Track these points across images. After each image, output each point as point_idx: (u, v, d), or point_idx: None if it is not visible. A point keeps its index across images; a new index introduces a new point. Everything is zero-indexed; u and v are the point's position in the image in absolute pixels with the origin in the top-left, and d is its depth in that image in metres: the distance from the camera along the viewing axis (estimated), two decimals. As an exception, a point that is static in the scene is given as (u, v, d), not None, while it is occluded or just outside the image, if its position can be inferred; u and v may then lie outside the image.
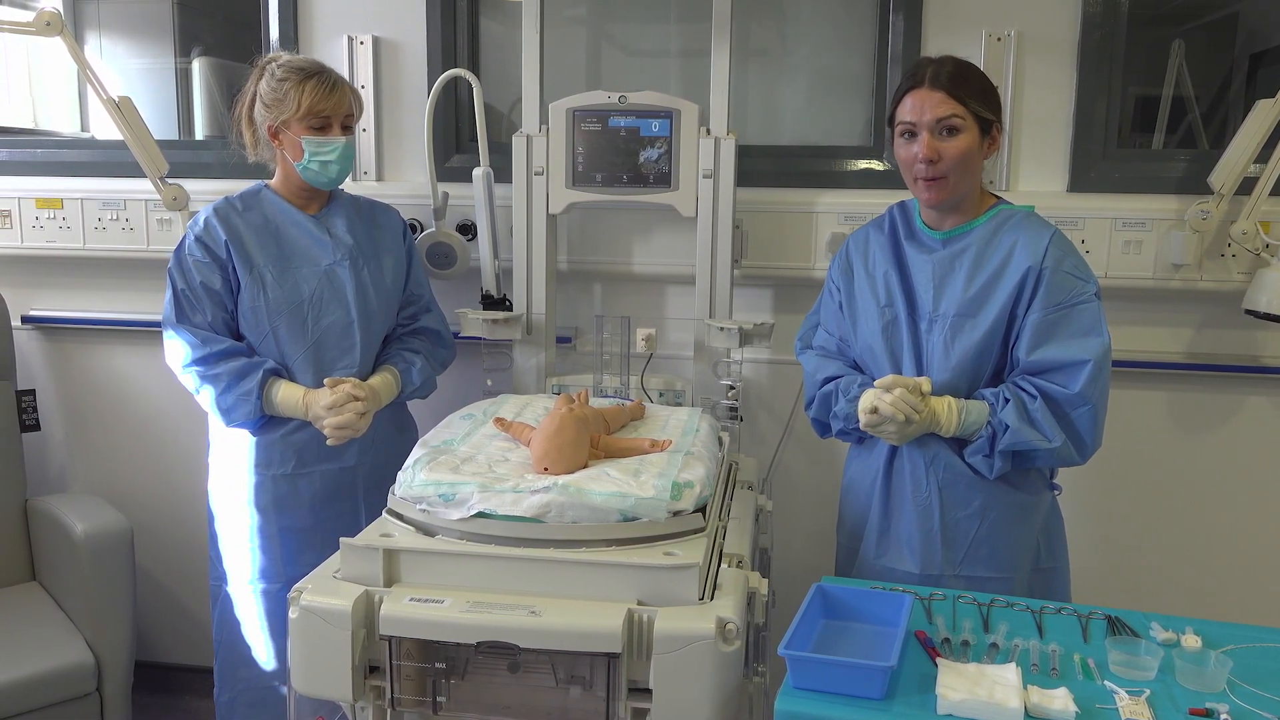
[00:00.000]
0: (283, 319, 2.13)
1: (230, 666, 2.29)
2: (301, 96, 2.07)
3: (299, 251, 2.17)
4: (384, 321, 2.25)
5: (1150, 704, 1.32)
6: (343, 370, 2.16)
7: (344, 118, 2.13)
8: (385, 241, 2.26)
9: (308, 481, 2.17)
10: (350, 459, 2.16)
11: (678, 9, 2.66)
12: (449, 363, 2.38)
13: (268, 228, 2.16)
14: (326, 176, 2.13)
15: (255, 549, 2.20)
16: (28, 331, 2.88)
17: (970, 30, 2.40)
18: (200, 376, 2.08)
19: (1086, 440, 1.78)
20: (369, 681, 1.51)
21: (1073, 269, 1.79)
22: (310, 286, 2.15)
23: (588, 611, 1.44)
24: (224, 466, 2.22)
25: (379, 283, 2.22)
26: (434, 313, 2.36)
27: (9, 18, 2.44)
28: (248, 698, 2.28)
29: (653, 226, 2.55)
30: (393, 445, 2.22)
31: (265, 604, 2.22)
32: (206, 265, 2.11)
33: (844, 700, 1.32)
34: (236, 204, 2.17)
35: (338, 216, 2.21)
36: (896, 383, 1.78)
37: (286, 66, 2.11)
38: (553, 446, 1.69)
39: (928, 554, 1.87)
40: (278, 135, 2.12)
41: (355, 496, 2.22)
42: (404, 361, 2.24)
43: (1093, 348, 1.75)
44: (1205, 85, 2.60)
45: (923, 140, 1.79)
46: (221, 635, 2.29)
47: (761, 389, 2.63)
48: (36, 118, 3.11)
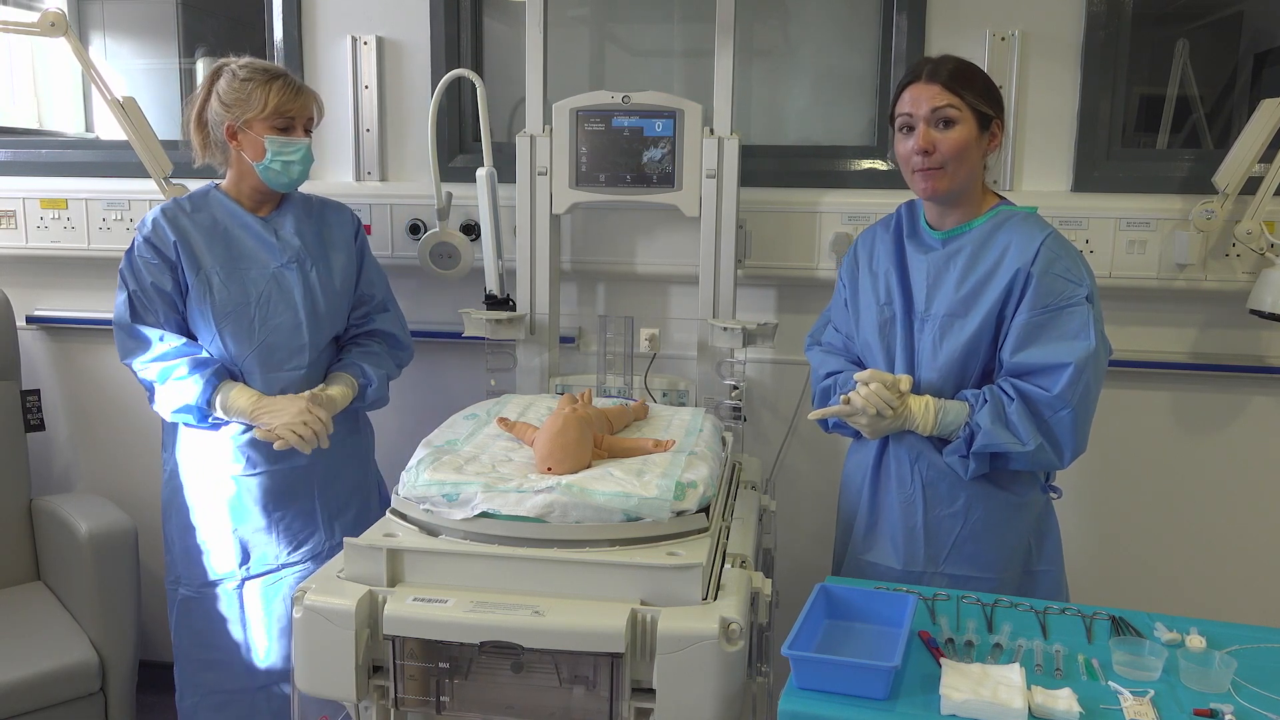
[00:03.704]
0: (229, 321, 2.11)
1: (190, 670, 2.27)
2: (268, 96, 2.07)
3: (246, 254, 2.15)
4: (333, 322, 2.23)
5: (1154, 704, 1.32)
6: (291, 374, 2.15)
7: (307, 120, 2.14)
8: (335, 241, 2.25)
9: (262, 480, 2.16)
10: (302, 459, 2.12)
11: (681, 9, 2.66)
12: (405, 364, 2.37)
13: (216, 229, 2.15)
14: (287, 177, 2.13)
15: (211, 548, 2.19)
16: (32, 331, 2.89)
17: (974, 30, 2.40)
18: (159, 372, 2.07)
19: (1065, 445, 1.77)
20: (372, 681, 1.51)
21: (1064, 271, 1.77)
22: (258, 289, 2.14)
23: (591, 611, 1.44)
24: (183, 466, 2.20)
25: (327, 284, 2.20)
26: (390, 313, 2.33)
27: (14, 18, 2.45)
28: (210, 701, 2.26)
29: (656, 226, 2.55)
30: (345, 446, 2.22)
31: (224, 604, 2.20)
32: (156, 266, 2.10)
33: (847, 700, 1.31)
34: (185, 205, 2.16)
35: (286, 218, 2.20)
36: (874, 377, 1.79)
37: (250, 67, 2.11)
38: (556, 446, 1.69)
39: (910, 550, 1.88)
40: (236, 136, 2.10)
41: (310, 496, 2.21)
42: (362, 375, 2.23)
43: (1076, 351, 1.73)
44: (1210, 84, 2.60)
45: (919, 131, 1.80)
46: (180, 638, 2.26)
47: (765, 389, 2.63)
48: (41, 118, 3.11)
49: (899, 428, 1.83)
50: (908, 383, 1.81)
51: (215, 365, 2.09)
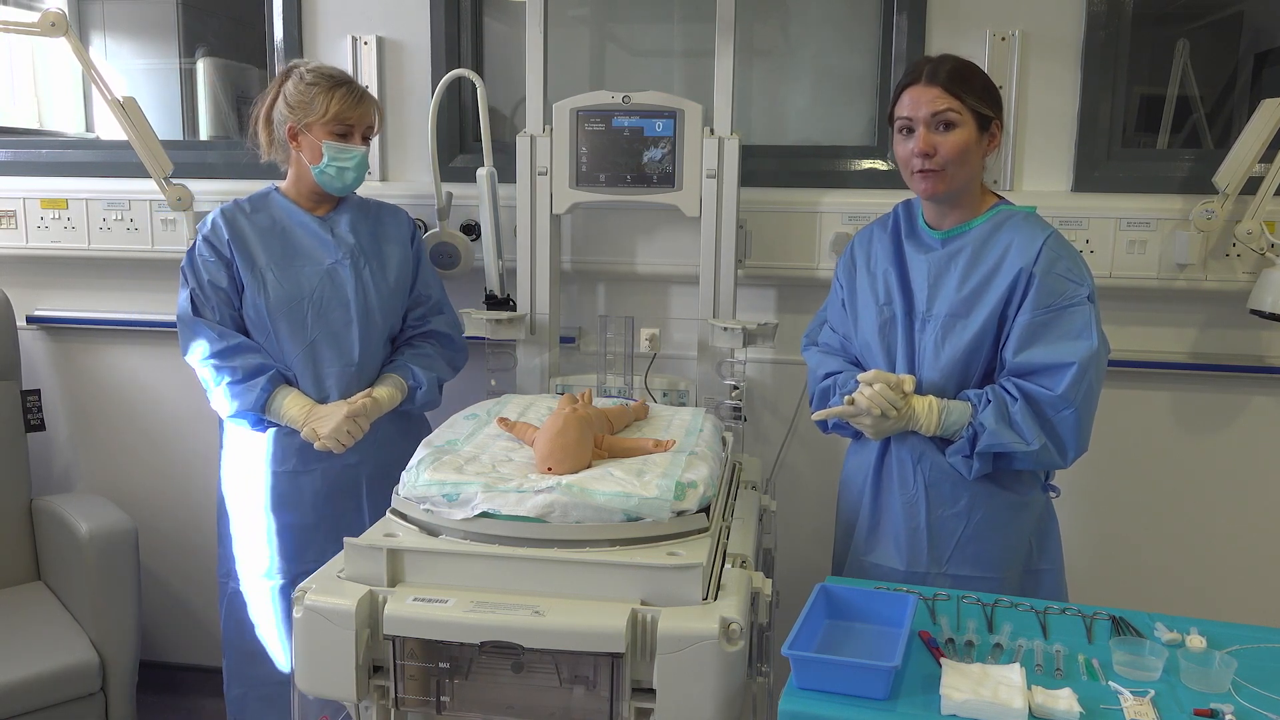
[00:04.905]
0: (283, 317, 2.15)
1: (239, 662, 2.31)
2: (330, 102, 2.11)
3: (302, 251, 2.19)
4: (386, 321, 2.25)
5: (1155, 704, 1.32)
6: (341, 370, 2.17)
7: (366, 129, 2.18)
8: (390, 241, 2.27)
9: (310, 479, 2.19)
10: (353, 457, 2.17)
11: (681, 9, 2.66)
12: (460, 366, 2.39)
13: (274, 229, 2.19)
14: (341, 183, 2.16)
15: (260, 545, 2.22)
16: (33, 331, 2.89)
17: (974, 30, 2.39)
18: (216, 369, 2.12)
19: (1068, 444, 1.77)
20: (373, 681, 1.51)
21: (1065, 271, 1.78)
22: (311, 285, 2.17)
23: (591, 611, 1.44)
24: (236, 463, 2.25)
25: (380, 282, 2.23)
26: (446, 315, 2.36)
27: (14, 18, 2.45)
28: (259, 693, 2.30)
29: (656, 226, 2.55)
30: (397, 446, 2.22)
31: (271, 600, 2.23)
32: (213, 264, 2.15)
33: (848, 700, 1.31)
34: (245, 206, 2.21)
35: (342, 217, 2.23)
36: (878, 377, 1.80)
37: (316, 72, 2.15)
38: (556, 446, 1.69)
39: (913, 551, 1.88)
40: (297, 137, 2.14)
41: (358, 495, 2.24)
42: (412, 378, 2.25)
43: (1079, 350, 1.74)
44: (1210, 84, 2.60)
45: (919, 134, 1.80)
46: (229, 631, 2.31)
47: (765, 389, 2.63)
48: (41, 118, 3.11)
49: (902, 428, 1.83)
50: (911, 383, 1.82)
51: (270, 371, 2.12)
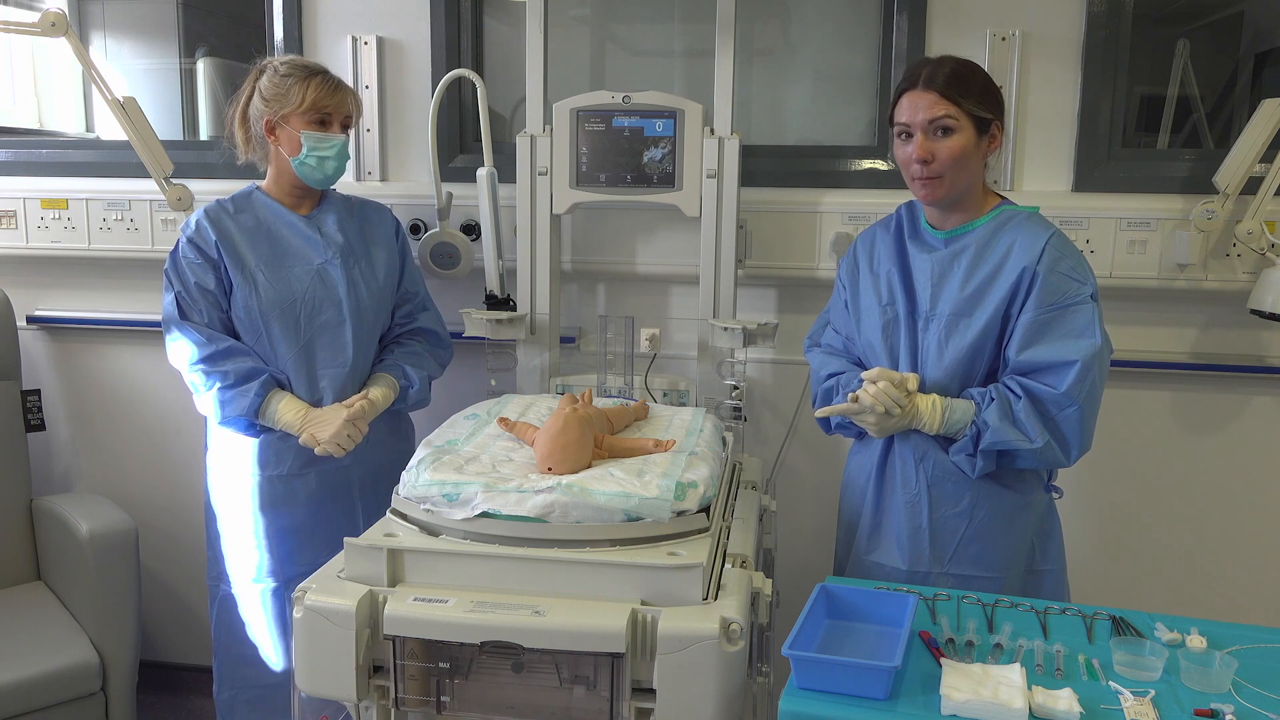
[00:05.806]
0: (275, 318, 2.13)
1: (229, 665, 2.30)
2: (306, 91, 2.10)
3: (291, 251, 2.17)
4: (377, 319, 2.25)
5: (1155, 704, 1.32)
6: (335, 370, 2.16)
7: (344, 118, 2.16)
8: (376, 239, 2.27)
9: (304, 481, 2.18)
10: (346, 459, 2.15)
11: (681, 9, 2.66)
12: (447, 362, 2.38)
13: (259, 229, 2.17)
14: (322, 173, 2.14)
15: (252, 549, 2.21)
16: (33, 331, 2.88)
17: (974, 30, 2.39)
18: (205, 374, 2.09)
19: (1072, 442, 1.77)
20: (373, 681, 1.51)
21: (1069, 270, 1.78)
22: (302, 285, 2.15)
23: (592, 611, 1.44)
24: (223, 466, 2.23)
25: (370, 280, 2.22)
26: (430, 311, 2.36)
27: (14, 18, 2.45)
28: (248, 695, 2.29)
29: (656, 227, 2.55)
30: (388, 446, 2.23)
31: (263, 603, 2.22)
32: (200, 266, 2.12)
33: (848, 700, 1.32)
34: (228, 206, 2.18)
35: (328, 215, 2.22)
36: (882, 375, 1.80)
37: (290, 64, 2.14)
38: (557, 446, 1.69)
39: (915, 551, 1.88)
40: (275, 131, 2.13)
41: (351, 496, 2.22)
42: (404, 377, 2.24)
43: (1083, 349, 1.74)
44: (1210, 84, 2.60)
45: (917, 141, 1.80)
46: (220, 634, 2.29)
47: (765, 389, 2.63)
48: (42, 118, 3.11)
49: (906, 426, 1.83)
50: (915, 381, 1.82)
51: (263, 376, 2.10)
